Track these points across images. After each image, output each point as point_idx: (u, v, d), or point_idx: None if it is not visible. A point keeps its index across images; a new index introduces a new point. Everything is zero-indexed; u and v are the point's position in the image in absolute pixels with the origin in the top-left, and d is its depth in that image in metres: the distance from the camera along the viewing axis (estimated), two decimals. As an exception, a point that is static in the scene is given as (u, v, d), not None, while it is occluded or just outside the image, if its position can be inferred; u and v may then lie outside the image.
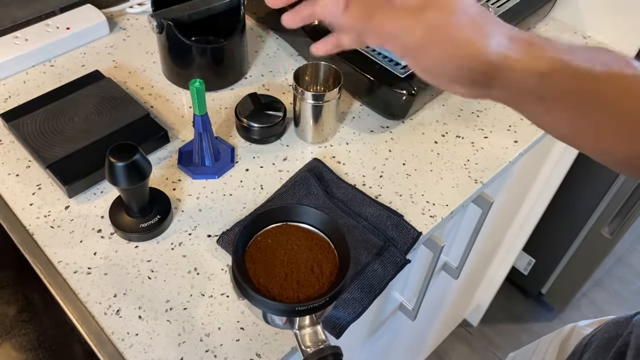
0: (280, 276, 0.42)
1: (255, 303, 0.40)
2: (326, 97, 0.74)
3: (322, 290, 0.41)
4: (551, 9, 1.02)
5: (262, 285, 0.41)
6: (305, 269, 0.42)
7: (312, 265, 0.43)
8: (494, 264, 1.48)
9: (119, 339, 0.58)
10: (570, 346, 0.66)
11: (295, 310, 0.39)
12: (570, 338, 0.68)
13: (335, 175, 0.74)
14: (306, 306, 0.39)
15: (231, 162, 0.75)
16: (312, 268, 0.42)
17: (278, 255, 0.43)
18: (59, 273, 0.63)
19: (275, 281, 0.41)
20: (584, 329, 0.67)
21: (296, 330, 0.41)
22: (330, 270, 0.42)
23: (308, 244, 0.44)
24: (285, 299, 0.40)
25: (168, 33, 0.78)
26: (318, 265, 0.43)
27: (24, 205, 0.69)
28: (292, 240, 0.44)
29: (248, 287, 0.39)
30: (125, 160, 0.59)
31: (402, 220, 0.70)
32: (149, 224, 0.66)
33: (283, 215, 0.44)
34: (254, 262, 0.42)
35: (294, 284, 0.41)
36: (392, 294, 0.92)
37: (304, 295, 0.40)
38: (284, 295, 0.40)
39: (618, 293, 1.84)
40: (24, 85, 0.83)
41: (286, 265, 0.42)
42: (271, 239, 0.44)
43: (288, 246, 0.44)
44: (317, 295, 0.41)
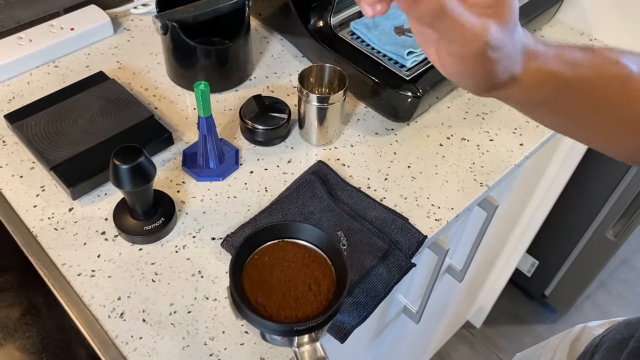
0: (278, 294, 0.41)
1: (254, 324, 0.39)
2: (331, 100, 0.73)
3: (320, 307, 0.40)
4: (557, 10, 1.01)
5: (259, 304, 0.40)
6: (303, 287, 0.42)
7: (309, 282, 0.42)
8: (497, 265, 1.47)
9: (123, 342, 0.58)
10: (580, 346, 0.66)
11: (294, 330, 0.38)
12: (580, 338, 0.68)
13: (340, 178, 0.74)
14: (305, 326, 0.39)
15: (235, 164, 0.75)
16: (309, 285, 0.42)
17: (275, 273, 0.42)
18: (62, 275, 0.63)
19: (273, 300, 0.41)
20: (594, 330, 0.67)
21: (295, 348, 0.41)
22: (328, 287, 0.42)
23: (305, 261, 0.44)
24: (284, 319, 0.40)
25: (172, 34, 0.78)
26: (315, 283, 0.42)
27: (28, 207, 0.69)
28: (289, 257, 0.44)
29: (246, 308, 0.39)
30: (130, 162, 0.58)
31: (407, 224, 0.70)
32: (153, 227, 0.66)
33: (279, 232, 0.43)
34: (251, 281, 0.41)
35: (292, 302, 0.41)
36: (396, 297, 0.92)
37: (302, 314, 0.40)
38: (282, 314, 0.40)
39: (622, 295, 1.83)
40: (28, 86, 0.83)
41: (284, 283, 0.42)
42: (268, 257, 0.43)
43: (285, 263, 0.43)
44: (315, 313, 0.40)
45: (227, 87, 0.86)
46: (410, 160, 0.78)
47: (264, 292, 0.41)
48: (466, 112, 0.85)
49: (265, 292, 0.41)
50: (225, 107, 0.83)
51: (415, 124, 0.83)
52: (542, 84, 0.43)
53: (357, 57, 0.82)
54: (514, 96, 0.44)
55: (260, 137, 0.77)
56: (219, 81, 0.84)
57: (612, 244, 1.41)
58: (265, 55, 0.92)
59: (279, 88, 0.87)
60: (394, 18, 0.86)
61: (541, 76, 0.42)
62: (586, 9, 1.00)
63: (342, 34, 0.85)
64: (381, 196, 0.73)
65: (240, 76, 0.87)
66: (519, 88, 0.43)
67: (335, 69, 0.77)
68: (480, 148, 0.80)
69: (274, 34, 0.96)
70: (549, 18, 1.01)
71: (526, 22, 0.93)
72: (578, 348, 0.67)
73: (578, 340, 0.68)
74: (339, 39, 0.84)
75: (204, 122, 0.69)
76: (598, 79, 0.43)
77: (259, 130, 0.76)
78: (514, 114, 0.86)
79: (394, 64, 0.81)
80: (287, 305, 0.40)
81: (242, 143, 0.78)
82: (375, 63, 0.81)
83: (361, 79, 0.81)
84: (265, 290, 0.41)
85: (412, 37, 0.83)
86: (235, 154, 0.76)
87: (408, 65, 0.80)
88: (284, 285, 0.42)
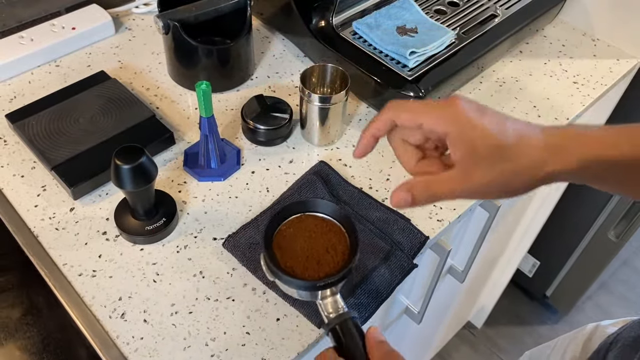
0: (302, 258, 0.50)
1: (285, 282, 0.48)
2: (333, 100, 0.73)
3: (338, 267, 0.49)
4: (559, 11, 1.01)
5: (288, 267, 0.49)
6: (323, 251, 0.50)
7: (327, 247, 0.51)
8: (498, 266, 1.47)
9: (124, 342, 0.58)
10: (593, 345, 0.66)
11: (317, 285, 0.48)
12: (592, 337, 0.68)
13: (342, 178, 0.74)
14: (325, 282, 0.48)
15: (237, 165, 0.75)
16: (327, 249, 0.51)
17: (299, 241, 0.51)
18: (63, 275, 0.63)
19: (298, 263, 0.49)
20: (607, 328, 0.67)
21: (319, 300, 0.49)
22: (343, 251, 0.51)
23: (323, 230, 0.52)
24: (308, 277, 0.49)
25: (174, 34, 0.78)
26: (332, 247, 0.51)
27: (29, 206, 0.69)
28: (310, 227, 0.52)
29: (278, 271, 0.48)
30: (132, 162, 0.58)
31: (409, 224, 0.69)
32: (154, 227, 0.66)
33: (301, 207, 0.53)
34: (280, 249, 0.50)
35: (314, 264, 0.49)
36: (397, 298, 0.92)
37: (323, 273, 0.49)
38: (306, 273, 0.49)
39: (623, 296, 1.83)
40: (29, 85, 0.83)
41: (306, 249, 0.50)
42: (292, 228, 0.52)
43: (307, 233, 0.52)
44: (333, 271, 0.49)
45: (228, 86, 0.85)
46: (412, 161, 0.78)
47: (291, 257, 0.50)
48: (468, 113, 0.85)
49: (291, 257, 0.50)
50: (227, 106, 0.83)
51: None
52: (585, 169, 0.44)
53: (359, 57, 0.81)
54: (559, 180, 0.45)
55: (262, 137, 0.77)
56: (221, 81, 0.84)
57: (614, 245, 1.41)
58: (267, 55, 0.92)
59: (280, 88, 0.86)
60: (396, 18, 0.86)
61: (581, 163, 0.43)
62: (589, 9, 1.00)
63: (344, 33, 0.85)
64: (383, 197, 0.73)
65: (242, 76, 0.86)
66: (559, 178, 0.44)
67: (337, 68, 0.77)
68: (483, 148, 0.80)
69: (275, 33, 0.96)
70: (552, 18, 1.01)
71: (528, 23, 0.92)
72: (591, 347, 0.67)
73: (590, 340, 0.68)
74: (341, 39, 0.84)
75: (205, 122, 0.68)
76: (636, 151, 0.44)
77: (260, 130, 0.76)
78: (516, 115, 0.85)
79: (396, 64, 0.80)
80: (310, 267, 0.49)
81: (244, 143, 0.78)
82: (377, 63, 0.81)
83: (363, 79, 0.80)
84: (292, 255, 0.50)
85: (414, 37, 0.83)
86: (237, 154, 0.76)
87: (410, 65, 0.80)
88: (307, 250, 0.50)
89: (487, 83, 0.90)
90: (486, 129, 0.43)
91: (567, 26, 1.03)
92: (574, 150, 0.43)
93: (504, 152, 0.43)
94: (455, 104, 0.44)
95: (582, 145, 0.43)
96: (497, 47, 0.88)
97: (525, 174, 0.43)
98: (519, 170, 0.43)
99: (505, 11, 0.92)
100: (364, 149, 0.48)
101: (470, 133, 0.43)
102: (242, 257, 0.64)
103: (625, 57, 0.97)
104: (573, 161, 0.43)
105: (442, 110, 0.44)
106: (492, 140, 0.43)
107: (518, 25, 0.91)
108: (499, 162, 0.43)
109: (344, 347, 0.46)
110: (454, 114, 0.43)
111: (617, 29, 0.98)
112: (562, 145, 0.43)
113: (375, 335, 0.46)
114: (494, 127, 0.43)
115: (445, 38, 0.83)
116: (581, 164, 0.43)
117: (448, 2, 0.94)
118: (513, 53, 0.96)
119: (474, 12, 0.92)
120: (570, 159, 0.43)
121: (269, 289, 0.63)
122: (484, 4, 0.94)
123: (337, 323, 0.47)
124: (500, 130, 0.43)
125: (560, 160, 0.43)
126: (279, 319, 0.61)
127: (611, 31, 0.99)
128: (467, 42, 0.86)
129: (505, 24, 0.90)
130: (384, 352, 0.45)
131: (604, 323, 0.69)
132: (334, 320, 0.47)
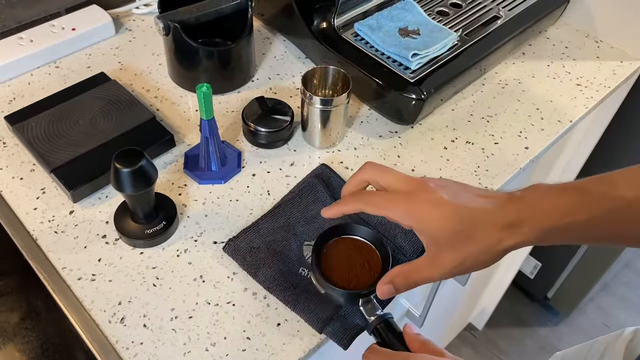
0: (344, 273, 0.59)
1: (334, 293, 0.58)
2: (335, 102, 0.73)
3: (373, 279, 0.58)
4: (563, 12, 1.00)
5: (334, 281, 0.58)
6: (360, 267, 0.59)
7: (363, 263, 0.60)
8: (500, 267, 1.46)
9: (124, 347, 0.58)
10: (635, 348, 0.65)
11: (361, 294, 0.57)
12: (634, 340, 0.67)
13: (344, 181, 0.73)
14: (366, 291, 0.57)
15: (238, 167, 0.74)
16: (363, 265, 0.60)
17: (341, 259, 0.60)
18: (62, 279, 0.62)
19: (341, 277, 0.58)
20: None
21: (360, 307, 0.57)
22: (376, 266, 0.60)
23: (359, 250, 0.61)
24: (352, 288, 0.58)
25: (175, 35, 0.77)
26: (368, 263, 0.60)
27: (28, 209, 0.68)
28: (349, 247, 0.61)
29: (329, 284, 0.57)
30: (131, 166, 0.58)
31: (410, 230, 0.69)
32: (154, 230, 0.65)
33: (340, 231, 0.62)
34: (327, 266, 0.59)
35: (354, 277, 0.59)
36: (399, 301, 0.91)
37: (362, 284, 0.58)
38: (350, 285, 0.58)
39: (625, 298, 1.82)
40: (29, 86, 0.82)
41: (346, 265, 0.60)
42: (334, 249, 0.61)
43: (346, 252, 0.61)
44: (371, 283, 0.58)
45: (229, 88, 0.85)
46: (414, 164, 0.77)
47: (335, 272, 0.59)
48: (471, 115, 0.84)
49: (335, 272, 0.59)
50: (228, 109, 0.82)
51: (420, 126, 0.83)
52: (542, 239, 0.47)
53: (361, 59, 0.81)
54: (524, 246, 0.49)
55: (263, 140, 0.76)
56: (222, 83, 0.84)
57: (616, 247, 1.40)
58: (268, 57, 0.91)
59: (281, 90, 0.86)
60: (398, 19, 0.86)
61: (538, 234, 0.47)
62: (592, 10, 1.00)
63: (345, 35, 0.84)
64: (385, 200, 0.72)
65: (243, 77, 0.86)
66: (522, 246, 0.48)
67: (339, 70, 0.76)
68: (485, 151, 0.79)
69: (276, 35, 0.95)
70: (555, 20, 1.01)
71: (531, 24, 0.92)
72: (635, 350, 0.66)
73: (632, 342, 0.67)
74: (342, 41, 0.83)
75: (206, 124, 0.68)
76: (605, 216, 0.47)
77: (261, 133, 0.75)
78: (518, 118, 0.85)
79: (398, 66, 0.80)
80: (351, 280, 0.58)
81: (245, 145, 0.78)
82: (379, 65, 0.80)
83: (365, 81, 0.80)
84: (335, 270, 0.59)
85: (417, 38, 0.83)
86: (238, 156, 0.75)
87: (412, 68, 0.79)
88: (347, 267, 0.59)
89: (489, 85, 0.90)
90: (444, 219, 0.48)
91: (570, 28, 1.03)
92: (529, 225, 0.47)
93: (464, 238, 0.47)
94: (416, 194, 0.49)
95: (536, 219, 0.47)
96: (500, 49, 0.88)
97: (487, 252, 0.48)
98: (481, 249, 0.47)
99: (508, 13, 0.92)
100: (332, 217, 0.56)
101: (431, 225, 0.48)
102: (243, 261, 0.64)
103: (628, 59, 0.97)
104: (529, 234, 0.47)
105: (405, 205, 0.49)
106: (449, 231, 0.48)
107: (521, 26, 0.90)
108: (462, 246, 0.48)
109: (386, 343, 0.54)
110: (415, 210, 0.49)
111: (621, 31, 0.98)
112: (516, 223, 0.47)
113: (411, 330, 0.52)
114: (453, 216, 0.48)
115: (448, 40, 0.83)
116: (537, 235, 0.47)
117: (450, 3, 0.93)
118: (516, 55, 0.96)
119: (477, 13, 0.92)
120: (526, 233, 0.47)
121: (269, 293, 0.62)
122: (487, 5, 0.93)
123: (377, 323, 0.55)
124: (458, 217, 0.48)
125: (516, 236, 0.47)
126: (279, 323, 0.60)
127: (614, 33, 0.99)
128: (470, 44, 0.85)
129: (508, 26, 0.90)
130: (421, 343, 0.50)
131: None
132: (375, 321, 0.55)
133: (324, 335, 0.60)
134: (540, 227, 0.47)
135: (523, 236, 0.47)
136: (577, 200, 0.47)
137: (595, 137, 1.15)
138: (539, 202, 0.47)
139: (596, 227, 0.47)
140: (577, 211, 0.46)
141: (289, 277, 0.63)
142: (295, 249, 0.66)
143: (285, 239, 0.66)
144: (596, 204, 0.47)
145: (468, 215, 0.48)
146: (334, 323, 0.60)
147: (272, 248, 0.65)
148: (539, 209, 0.47)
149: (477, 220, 0.48)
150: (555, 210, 0.47)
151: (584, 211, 0.46)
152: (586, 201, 0.47)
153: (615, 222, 0.47)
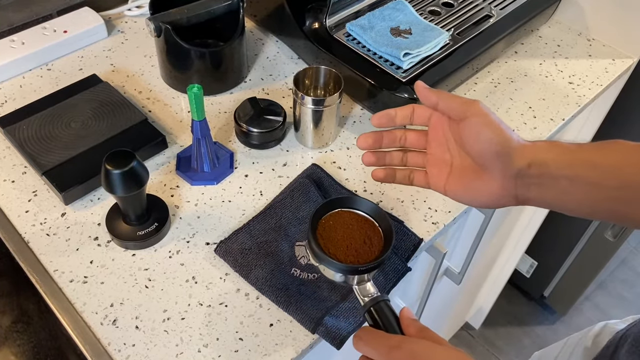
0: (343, 247, 0.55)
1: (330, 266, 0.54)
2: (327, 102, 0.73)
3: (373, 256, 0.55)
4: (555, 11, 1.00)
5: (331, 254, 0.54)
6: (360, 242, 0.56)
7: (364, 238, 0.56)
8: (496, 267, 1.46)
9: (116, 349, 0.57)
10: (602, 341, 0.67)
11: (358, 269, 0.53)
12: (601, 334, 0.68)
13: (335, 181, 0.73)
14: (365, 267, 0.53)
15: (230, 168, 0.74)
16: (364, 241, 0.56)
17: (339, 232, 0.56)
18: (54, 282, 0.62)
19: (340, 251, 0.54)
20: (616, 325, 0.68)
21: (355, 285, 0.54)
22: (378, 242, 0.56)
23: (360, 224, 0.57)
24: (349, 263, 0.54)
25: (166, 37, 0.77)
26: (368, 239, 0.56)
27: (20, 212, 0.68)
28: (348, 221, 0.57)
29: (324, 254, 0.53)
30: (122, 167, 0.58)
31: (403, 227, 0.69)
32: (146, 232, 0.65)
33: (339, 204, 0.58)
34: (322, 238, 0.55)
35: (353, 252, 0.55)
36: (393, 300, 0.91)
37: (362, 260, 0.54)
38: (347, 260, 0.54)
39: (621, 296, 1.82)
40: (21, 89, 0.82)
41: (346, 239, 0.56)
42: (332, 221, 0.57)
43: (345, 226, 0.57)
44: (370, 259, 0.54)
45: (221, 89, 0.85)
46: (407, 163, 0.77)
47: (333, 246, 0.55)
48: (463, 114, 0.84)
49: (333, 245, 0.55)
50: (220, 109, 0.82)
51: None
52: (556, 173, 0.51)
53: (353, 59, 0.81)
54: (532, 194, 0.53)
55: (255, 140, 0.76)
56: (214, 84, 0.83)
57: (611, 245, 1.40)
58: (261, 57, 0.91)
59: (274, 90, 0.86)
60: (390, 19, 0.86)
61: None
62: (584, 9, 1.00)
63: (337, 35, 0.84)
64: (377, 199, 0.72)
65: (235, 78, 0.86)
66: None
67: (331, 71, 0.76)
68: (478, 150, 0.79)
69: (269, 35, 0.95)
70: (547, 18, 1.01)
71: (523, 23, 0.92)
72: (600, 342, 0.67)
73: (599, 336, 0.68)
74: (334, 41, 0.83)
75: (197, 125, 0.68)
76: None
77: (254, 133, 0.75)
78: (511, 116, 0.85)
79: (390, 66, 0.80)
80: (350, 254, 0.54)
81: (237, 146, 0.78)
82: (371, 65, 0.80)
83: (357, 81, 0.80)
84: (333, 244, 0.55)
85: (408, 38, 0.83)
86: (230, 157, 0.75)
87: (404, 67, 0.79)
88: (347, 240, 0.56)
89: (482, 84, 0.90)
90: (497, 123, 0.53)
91: (562, 26, 1.03)
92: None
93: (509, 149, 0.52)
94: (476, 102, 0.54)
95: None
96: (492, 48, 0.88)
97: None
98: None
99: (500, 11, 0.92)
100: (375, 129, 0.57)
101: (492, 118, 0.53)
102: (235, 263, 0.64)
103: (620, 57, 0.97)
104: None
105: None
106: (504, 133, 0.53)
107: (513, 25, 0.90)
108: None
109: (380, 327, 0.51)
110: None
111: (613, 29, 0.98)
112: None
113: (408, 314, 0.50)
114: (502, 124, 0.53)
115: (440, 39, 0.83)
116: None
117: (442, 2, 0.93)
118: (508, 54, 0.96)
119: (469, 12, 0.92)
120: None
121: (261, 294, 0.62)
122: (479, 4, 0.93)
123: (372, 305, 0.51)
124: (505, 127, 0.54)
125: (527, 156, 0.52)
126: (272, 324, 0.60)
127: (606, 31, 0.99)
128: (462, 43, 0.85)
129: (500, 25, 0.90)
130: (418, 328, 0.48)
131: (612, 321, 0.70)
132: (369, 302, 0.52)
133: (316, 335, 0.60)
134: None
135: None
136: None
137: (588, 135, 1.16)
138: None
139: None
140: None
141: (281, 278, 0.63)
142: (287, 250, 0.66)
143: (276, 240, 0.66)
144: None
145: None
146: (327, 323, 0.60)
147: (264, 249, 0.65)
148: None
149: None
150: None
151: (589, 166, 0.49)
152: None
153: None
